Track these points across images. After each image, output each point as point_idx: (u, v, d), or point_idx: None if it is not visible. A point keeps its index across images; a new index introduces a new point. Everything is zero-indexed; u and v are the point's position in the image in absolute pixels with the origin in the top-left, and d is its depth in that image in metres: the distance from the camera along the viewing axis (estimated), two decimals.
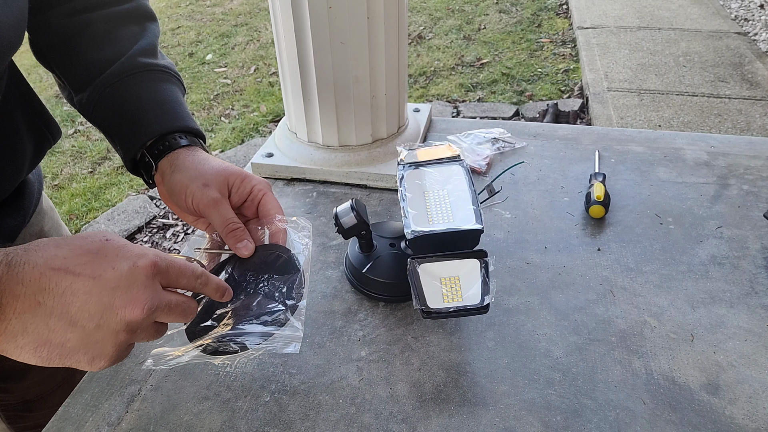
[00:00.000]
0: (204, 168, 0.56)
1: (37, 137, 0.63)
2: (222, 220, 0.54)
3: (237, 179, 0.57)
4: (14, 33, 0.48)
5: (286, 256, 0.57)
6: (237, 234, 0.54)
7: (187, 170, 0.56)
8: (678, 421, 0.55)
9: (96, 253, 0.39)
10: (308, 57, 0.80)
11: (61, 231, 0.73)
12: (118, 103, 0.59)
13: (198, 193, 0.54)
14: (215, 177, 0.56)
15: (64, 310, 0.38)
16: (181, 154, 0.57)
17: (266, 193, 0.57)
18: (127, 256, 0.40)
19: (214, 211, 0.54)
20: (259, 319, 0.52)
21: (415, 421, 0.56)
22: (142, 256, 0.41)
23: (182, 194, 0.55)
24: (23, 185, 0.65)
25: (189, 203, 0.55)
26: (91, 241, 0.40)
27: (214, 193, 0.54)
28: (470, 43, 3.67)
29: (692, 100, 2.72)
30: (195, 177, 0.55)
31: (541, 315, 0.66)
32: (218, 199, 0.54)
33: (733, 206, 0.82)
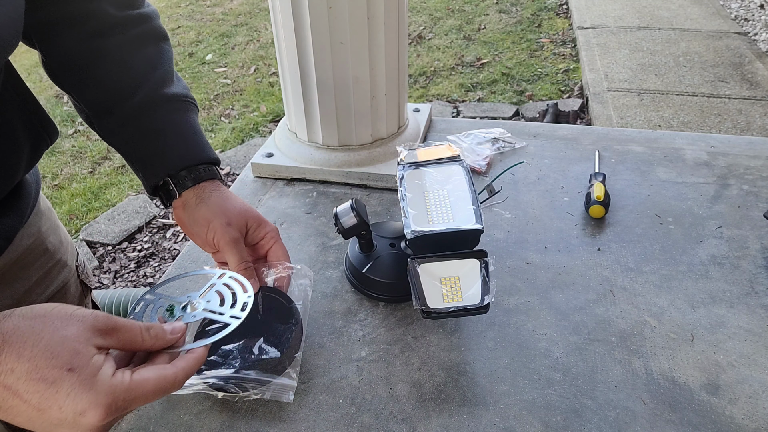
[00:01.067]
0: (227, 206, 0.62)
1: (33, 138, 0.63)
2: (238, 259, 0.59)
3: (254, 223, 0.63)
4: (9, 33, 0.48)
5: (289, 306, 0.62)
6: (248, 272, 0.59)
7: (212, 206, 0.61)
8: (678, 421, 0.55)
9: (51, 384, 0.37)
10: (308, 57, 0.80)
11: (58, 232, 0.73)
12: (143, 134, 0.62)
13: (220, 231, 0.59)
14: (237, 217, 0.61)
15: (11, 419, 0.38)
16: (207, 189, 0.62)
17: (277, 241, 0.64)
18: (80, 401, 0.38)
19: (233, 249, 0.59)
20: (259, 364, 0.57)
21: (415, 421, 0.56)
22: (96, 405, 0.38)
23: (205, 227, 0.60)
24: (20, 186, 0.65)
25: (210, 238, 0.60)
26: (54, 365, 0.37)
27: (235, 233, 0.60)
28: (470, 43, 3.67)
29: (692, 100, 2.72)
30: (219, 214, 0.60)
31: (541, 315, 0.66)
32: (238, 239, 0.60)
33: (733, 206, 0.82)
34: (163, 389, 0.42)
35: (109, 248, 2.22)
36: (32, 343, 0.38)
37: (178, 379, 0.43)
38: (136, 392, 0.40)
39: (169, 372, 0.43)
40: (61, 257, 0.72)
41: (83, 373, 0.38)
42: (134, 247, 2.23)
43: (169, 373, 0.43)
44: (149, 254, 2.19)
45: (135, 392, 0.40)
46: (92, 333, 0.40)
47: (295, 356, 0.59)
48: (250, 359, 0.58)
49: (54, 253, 0.70)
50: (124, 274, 2.11)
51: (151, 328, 0.44)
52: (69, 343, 0.38)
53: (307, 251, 0.77)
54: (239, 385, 0.56)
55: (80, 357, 0.38)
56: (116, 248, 2.22)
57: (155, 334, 0.44)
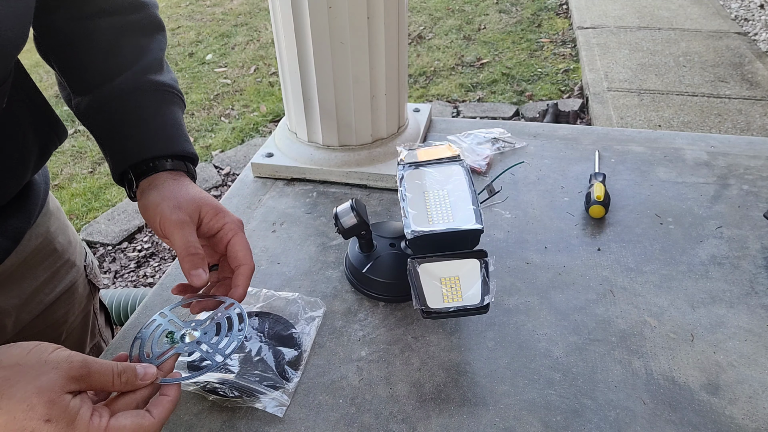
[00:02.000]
0: (180, 193, 0.56)
1: (42, 138, 0.63)
2: (183, 242, 0.52)
3: (210, 210, 0.56)
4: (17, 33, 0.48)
5: (294, 334, 0.64)
6: (194, 260, 0.52)
7: (163, 191, 0.56)
8: (678, 421, 0.55)
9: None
10: (308, 57, 0.80)
11: (67, 232, 0.73)
12: (118, 119, 0.59)
13: (166, 213, 0.54)
14: (188, 203, 0.55)
15: None
16: (162, 176, 0.58)
17: (237, 233, 0.56)
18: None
19: (178, 231, 0.53)
20: (258, 377, 0.58)
21: (415, 421, 0.56)
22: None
23: (154, 213, 0.55)
24: (29, 186, 0.65)
25: (157, 223, 0.55)
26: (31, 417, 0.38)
27: (183, 216, 0.54)
28: (470, 43, 3.67)
29: (692, 100, 2.72)
30: (168, 198, 0.55)
31: (541, 315, 0.66)
32: (185, 222, 0.53)
33: (733, 206, 0.82)
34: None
35: (109, 248, 2.22)
36: (8, 396, 0.38)
37: (155, 427, 0.44)
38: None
39: (146, 422, 0.43)
40: (70, 257, 0.72)
41: (60, 422, 0.39)
42: (134, 247, 2.23)
43: (146, 423, 0.43)
44: (149, 254, 2.19)
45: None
46: (66, 380, 0.40)
47: (293, 377, 0.60)
48: (248, 370, 0.59)
49: (62, 253, 0.70)
50: (124, 274, 2.11)
51: (123, 373, 0.44)
52: (44, 394, 0.39)
53: (307, 251, 0.77)
54: (233, 391, 0.57)
55: (56, 407, 0.39)
56: (116, 248, 2.22)
57: (126, 380, 0.45)
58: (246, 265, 0.55)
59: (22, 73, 0.60)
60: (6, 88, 0.54)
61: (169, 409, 0.45)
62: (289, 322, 0.65)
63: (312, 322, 0.66)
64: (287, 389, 0.58)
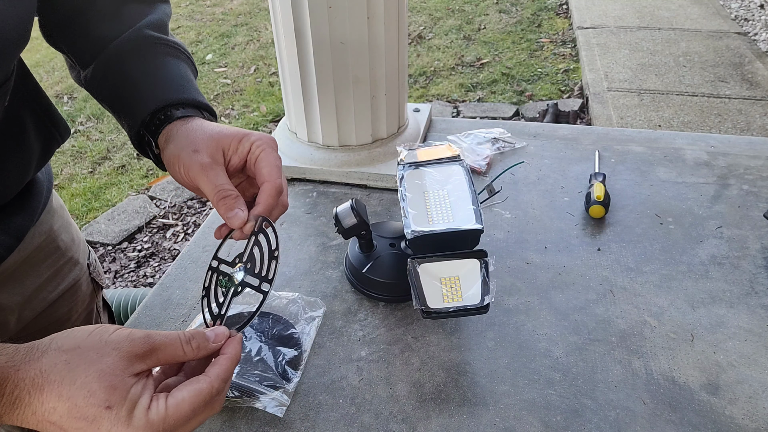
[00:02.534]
0: (196, 135, 0.52)
1: (44, 136, 0.63)
2: (211, 187, 0.49)
3: (233, 141, 0.52)
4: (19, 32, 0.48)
5: (294, 334, 0.64)
6: (228, 202, 0.49)
7: (178, 140, 0.52)
8: (678, 421, 0.55)
9: (91, 422, 0.37)
10: (308, 57, 0.80)
11: (70, 230, 0.73)
12: (121, 80, 0.56)
13: (187, 160, 0.50)
14: (206, 142, 0.51)
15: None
16: (175, 125, 0.53)
17: (264, 150, 0.51)
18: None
19: (203, 176, 0.49)
20: (258, 377, 0.59)
21: (415, 421, 0.56)
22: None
23: (176, 165, 0.51)
24: (31, 184, 0.65)
25: (182, 174, 0.51)
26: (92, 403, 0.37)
27: (204, 158, 0.50)
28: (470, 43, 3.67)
29: (692, 100, 2.72)
30: (185, 145, 0.51)
31: (541, 315, 0.66)
32: (208, 164, 0.49)
33: (733, 206, 0.82)
34: (202, 404, 0.41)
35: (109, 248, 2.22)
36: (69, 381, 0.37)
37: (215, 387, 0.41)
38: (174, 418, 0.39)
39: (204, 385, 0.41)
40: (73, 255, 0.72)
41: (121, 410, 0.38)
42: (134, 247, 2.23)
43: (203, 387, 0.41)
44: (149, 254, 2.19)
45: (173, 418, 0.39)
46: (129, 361, 0.39)
47: (293, 377, 0.60)
48: (248, 370, 0.59)
49: (65, 251, 0.70)
50: (124, 274, 2.11)
51: (193, 339, 0.42)
52: (105, 379, 0.38)
53: (307, 251, 0.77)
54: (233, 391, 0.57)
55: (117, 392, 0.38)
56: (116, 248, 2.22)
57: (197, 345, 0.43)
58: (269, 182, 0.50)
59: (24, 72, 0.60)
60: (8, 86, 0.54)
61: (227, 367, 0.43)
62: (289, 322, 0.65)
63: (312, 322, 0.66)
64: (287, 389, 0.58)
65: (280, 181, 0.51)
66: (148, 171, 2.69)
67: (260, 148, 0.51)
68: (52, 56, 3.75)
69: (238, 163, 0.52)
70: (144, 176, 2.65)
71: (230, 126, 0.53)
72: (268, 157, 0.51)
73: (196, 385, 0.41)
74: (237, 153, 0.52)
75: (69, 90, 3.45)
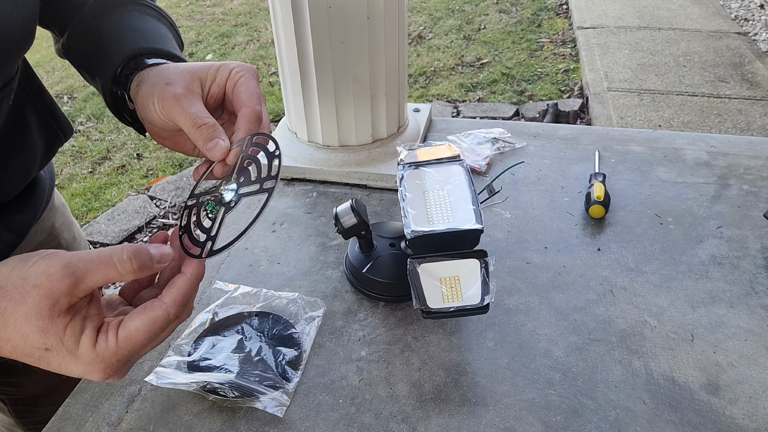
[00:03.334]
0: (169, 71, 0.48)
1: (48, 135, 0.63)
2: (186, 116, 0.45)
3: (210, 69, 0.48)
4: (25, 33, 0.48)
5: (294, 334, 0.64)
6: (205, 132, 0.45)
7: (151, 78, 0.48)
8: (678, 421, 0.55)
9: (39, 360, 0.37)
10: (308, 57, 0.80)
11: (72, 228, 0.73)
12: (92, 37, 0.54)
13: (160, 94, 0.46)
14: (181, 75, 0.47)
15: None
16: (147, 71, 0.49)
17: (243, 75, 0.48)
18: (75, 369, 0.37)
19: (176, 107, 0.45)
20: (258, 377, 0.59)
21: (415, 421, 0.56)
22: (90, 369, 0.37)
23: (149, 104, 0.47)
24: (34, 182, 0.65)
25: (156, 112, 0.46)
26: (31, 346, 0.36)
27: (178, 89, 0.46)
28: (470, 43, 3.67)
29: (692, 100, 2.72)
30: (158, 81, 0.47)
31: (541, 315, 0.66)
32: (182, 94, 0.45)
33: (733, 206, 0.82)
34: (158, 330, 0.38)
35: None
36: (2, 325, 0.36)
37: (171, 313, 0.38)
38: (128, 348, 0.37)
39: (159, 312, 0.38)
40: None
41: (60, 350, 0.36)
42: None
43: (158, 314, 0.38)
44: None
45: (126, 349, 0.37)
46: (52, 299, 0.35)
47: (293, 377, 0.60)
48: (248, 370, 0.59)
49: (67, 249, 0.70)
50: None
51: (134, 258, 0.37)
52: (33, 322, 0.35)
53: (307, 251, 0.77)
54: (233, 391, 0.57)
55: (50, 335, 0.35)
56: None
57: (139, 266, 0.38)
58: (247, 106, 0.47)
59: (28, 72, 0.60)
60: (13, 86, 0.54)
61: (185, 290, 0.39)
62: (289, 322, 0.65)
63: (312, 322, 0.66)
64: (287, 389, 0.58)
65: (259, 107, 0.47)
66: (148, 171, 2.69)
67: (239, 74, 0.48)
68: (52, 56, 3.75)
69: (218, 93, 0.49)
70: (144, 176, 2.65)
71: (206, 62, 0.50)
72: (247, 82, 0.48)
73: (150, 313, 0.38)
74: (215, 82, 0.48)
75: (69, 90, 3.45)
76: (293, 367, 0.61)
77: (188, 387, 0.58)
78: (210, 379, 0.58)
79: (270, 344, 0.62)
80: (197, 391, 0.58)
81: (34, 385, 0.76)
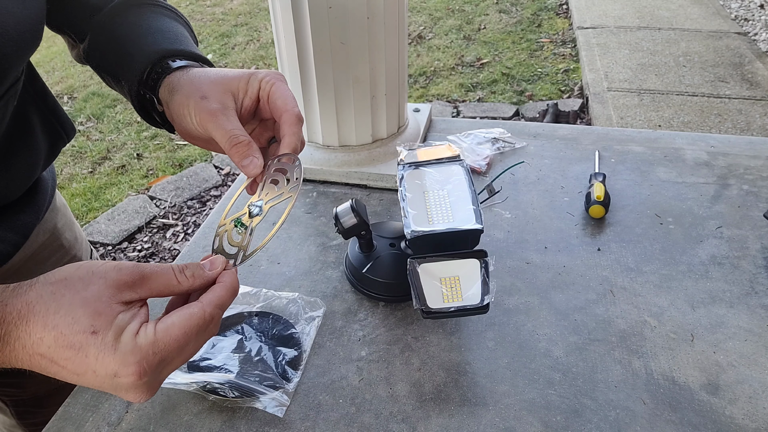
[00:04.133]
0: (201, 81, 0.49)
1: (51, 135, 0.63)
2: (222, 133, 0.47)
3: (240, 82, 0.50)
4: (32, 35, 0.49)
5: (294, 334, 0.64)
6: (240, 149, 0.47)
7: (184, 87, 0.49)
8: (678, 421, 0.55)
9: (78, 350, 0.36)
10: (308, 57, 0.80)
11: (73, 228, 0.73)
12: (114, 40, 0.55)
13: (196, 108, 0.48)
14: (214, 87, 0.49)
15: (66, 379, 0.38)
16: (176, 76, 0.51)
17: (274, 83, 0.49)
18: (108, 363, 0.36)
19: (213, 123, 0.47)
20: (258, 377, 0.59)
21: (415, 421, 0.56)
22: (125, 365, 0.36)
23: (185, 115, 0.49)
24: (37, 182, 0.65)
25: (194, 123, 0.49)
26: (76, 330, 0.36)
27: (213, 104, 0.48)
28: (470, 43, 3.67)
29: (692, 100, 2.72)
30: (192, 92, 0.49)
31: (541, 315, 0.66)
32: (217, 110, 0.47)
33: (733, 206, 0.82)
34: (195, 328, 0.39)
35: (109, 248, 2.22)
36: (54, 310, 0.36)
37: (208, 312, 0.39)
38: (164, 342, 0.37)
39: (195, 310, 0.39)
40: (76, 253, 0.72)
41: (107, 335, 0.36)
42: (134, 247, 2.23)
43: (195, 311, 0.39)
44: (149, 254, 2.19)
45: (163, 343, 0.37)
46: (116, 289, 0.37)
47: (293, 377, 0.60)
48: (248, 370, 0.59)
49: (69, 249, 0.71)
50: None
51: (187, 269, 0.41)
52: (90, 305, 0.36)
53: (307, 251, 0.77)
54: (233, 391, 0.57)
55: (102, 318, 0.36)
56: (116, 248, 2.22)
57: (192, 274, 0.41)
58: (288, 111, 0.48)
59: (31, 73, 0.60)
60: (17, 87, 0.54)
61: (220, 295, 0.41)
62: (289, 322, 0.65)
63: (312, 322, 0.66)
64: (287, 389, 0.58)
65: (298, 109, 0.49)
66: (148, 171, 2.69)
67: (270, 83, 0.50)
68: (52, 56, 3.75)
69: (250, 105, 0.50)
70: (144, 176, 2.65)
71: (232, 70, 0.51)
72: (280, 89, 0.49)
73: (187, 310, 0.39)
74: (247, 94, 0.50)
75: (69, 90, 3.45)
76: (293, 367, 0.61)
77: (188, 387, 0.58)
78: (210, 379, 0.58)
79: (270, 344, 0.62)
80: (197, 391, 0.58)
81: (36, 387, 0.76)
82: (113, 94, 3.35)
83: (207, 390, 0.58)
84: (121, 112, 3.17)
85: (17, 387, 0.75)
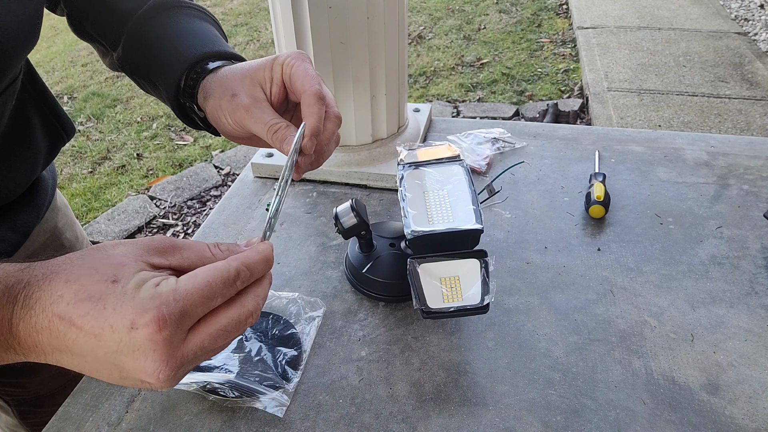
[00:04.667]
0: (229, 79, 0.50)
1: (51, 135, 0.63)
2: (260, 125, 0.48)
3: (266, 71, 0.50)
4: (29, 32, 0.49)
5: (294, 334, 0.64)
6: (279, 134, 0.48)
7: (214, 90, 0.51)
8: (678, 421, 0.55)
9: (97, 300, 0.34)
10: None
11: (74, 228, 0.73)
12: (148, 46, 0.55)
13: (229, 107, 0.49)
14: (241, 82, 0.50)
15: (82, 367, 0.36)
16: (207, 81, 0.52)
17: (293, 65, 0.49)
18: (126, 312, 0.34)
19: (248, 118, 0.48)
20: (258, 377, 0.59)
21: (415, 421, 0.56)
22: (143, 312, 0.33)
23: (220, 117, 0.50)
24: (37, 182, 0.65)
25: (230, 123, 0.50)
26: (97, 280, 0.35)
27: (245, 100, 0.48)
28: (470, 43, 3.67)
29: (692, 100, 2.72)
30: (222, 93, 0.50)
31: (541, 315, 0.66)
32: (249, 104, 0.48)
33: (733, 206, 0.82)
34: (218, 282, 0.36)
35: None
36: (78, 265, 0.35)
37: (233, 267, 0.37)
38: (185, 290, 0.35)
39: (220, 264, 0.36)
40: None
41: (128, 284, 0.34)
42: None
43: (219, 265, 0.36)
44: None
45: (185, 290, 0.35)
46: (145, 250, 0.36)
47: (293, 377, 0.60)
48: (248, 370, 0.59)
49: (70, 249, 0.71)
50: None
51: (221, 244, 0.39)
52: (114, 258, 0.35)
53: (307, 251, 0.77)
54: (233, 391, 0.57)
55: (125, 269, 0.35)
56: None
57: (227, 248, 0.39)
58: (306, 92, 0.48)
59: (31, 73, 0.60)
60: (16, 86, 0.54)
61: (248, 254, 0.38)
62: (289, 322, 0.65)
63: (312, 322, 0.66)
64: (287, 389, 0.58)
65: (318, 87, 0.48)
66: (148, 171, 2.69)
67: (290, 65, 0.49)
68: (52, 56, 3.75)
69: (278, 91, 0.50)
70: (144, 176, 2.65)
71: (255, 61, 0.51)
72: (299, 69, 0.49)
73: (214, 267, 0.37)
74: (273, 82, 0.50)
75: (69, 90, 3.45)
76: (293, 367, 0.61)
77: (188, 387, 0.58)
78: (210, 379, 0.58)
79: (270, 344, 0.62)
80: (197, 391, 0.58)
81: (38, 386, 0.76)
82: (113, 93, 3.35)
83: (207, 390, 0.58)
84: (121, 112, 3.17)
85: (19, 387, 0.75)
